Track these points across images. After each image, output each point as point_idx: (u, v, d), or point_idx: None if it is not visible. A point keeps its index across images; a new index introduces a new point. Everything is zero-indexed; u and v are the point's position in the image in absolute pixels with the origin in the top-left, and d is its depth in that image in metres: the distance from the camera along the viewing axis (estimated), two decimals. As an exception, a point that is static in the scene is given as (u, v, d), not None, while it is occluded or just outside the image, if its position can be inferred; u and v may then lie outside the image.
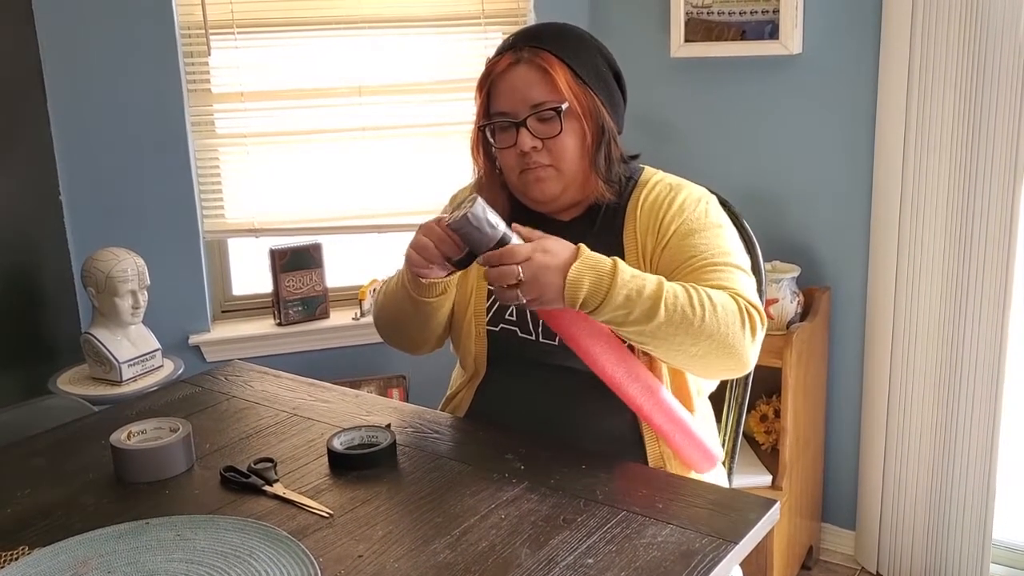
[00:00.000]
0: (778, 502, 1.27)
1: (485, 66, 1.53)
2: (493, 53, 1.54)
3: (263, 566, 1.11)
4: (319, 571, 1.09)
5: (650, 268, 1.51)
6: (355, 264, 3.18)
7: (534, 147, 1.47)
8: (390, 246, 2.81)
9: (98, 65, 2.56)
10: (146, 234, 2.63)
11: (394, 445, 1.42)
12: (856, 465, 2.61)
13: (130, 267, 2.39)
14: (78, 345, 2.47)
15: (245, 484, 1.34)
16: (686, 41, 2.57)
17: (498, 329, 1.58)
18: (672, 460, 1.53)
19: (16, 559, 1.15)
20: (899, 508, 2.50)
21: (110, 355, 2.40)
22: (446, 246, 1.37)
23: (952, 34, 2.20)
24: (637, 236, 1.53)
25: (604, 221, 1.56)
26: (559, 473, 1.34)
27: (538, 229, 1.38)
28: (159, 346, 2.52)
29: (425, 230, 1.41)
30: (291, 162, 2.77)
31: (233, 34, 2.65)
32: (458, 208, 1.34)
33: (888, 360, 2.44)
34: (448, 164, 2.71)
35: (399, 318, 1.59)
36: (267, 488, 1.32)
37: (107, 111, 2.59)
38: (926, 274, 2.34)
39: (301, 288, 2.83)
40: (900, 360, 2.42)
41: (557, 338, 1.53)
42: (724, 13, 2.50)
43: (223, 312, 2.89)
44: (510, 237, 1.32)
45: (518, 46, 1.49)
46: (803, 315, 2.45)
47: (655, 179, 1.58)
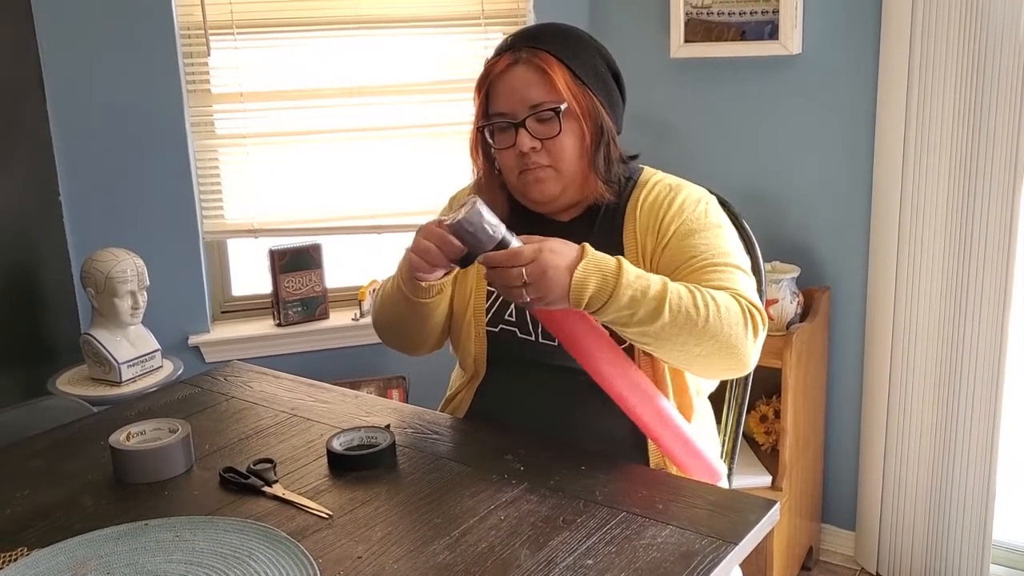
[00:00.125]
0: (778, 503, 1.26)
1: (484, 67, 1.53)
2: (492, 54, 1.54)
3: (262, 567, 1.11)
4: (318, 572, 1.09)
5: (650, 268, 1.50)
6: (355, 265, 3.17)
7: (533, 148, 1.46)
8: (389, 246, 2.81)
9: (98, 65, 2.56)
10: (145, 234, 2.63)
11: (393, 446, 1.42)
12: (856, 465, 2.61)
13: (129, 268, 2.39)
14: (77, 346, 2.47)
15: (244, 485, 1.34)
16: (686, 41, 2.57)
17: (497, 330, 1.58)
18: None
19: (15, 560, 1.15)
20: (899, 508, 2.50)
21: (109, 356, 2.39)
22: (448, 248, 1.35)
23: (952, 34, 2.20)
24: (637, 236, 1.53)
25: (603, 222, 1.55)
26: (559, 474, 1.33)
27: (537, 230, 1.38)
28: (158, 347, 2.52)
29: (426, 233, 1.39)
30: (290, 162, 2.77)
31: (233, 35, 2.65)
32: (457, 210, 1.34)
33: (888, 360, 2.44)
34: (447, 165, 2.71)
35: (396, 320, 1.59)
36: (266, 489, 1.32)
37: (107, 111, 2.59)
38: (926, 273, 2.34)
39: (300, 289, 2.83)
40: (900, 360, 2.42)
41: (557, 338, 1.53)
42: (724, 13, 2.50)
43: (222, 313, 2.89)
44: (510, 239, 1.32)
45: (517, 46, 1.49)
46: (803, 315, 2.45)
47: (654, 179, 1.58)
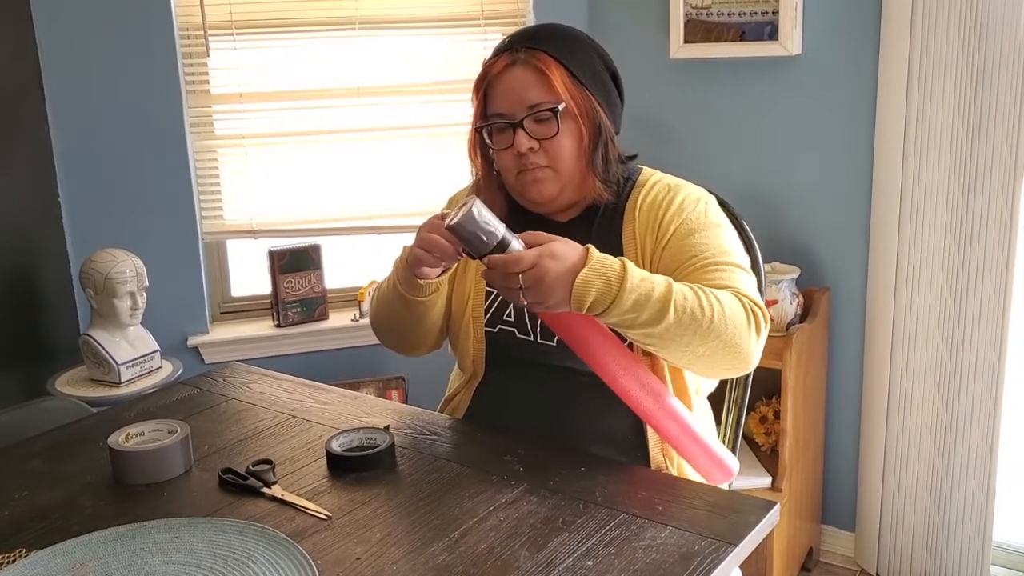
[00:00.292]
0: (778, 504, 1.26)
1: (482, 67, 1.52)
2: (490, 54, 1.53)
3: (261, 568, 1.10)
4: (317, 573, 1.09)
5: (650, 268, 1.49)
6: (354, 265, 3.18)
7: (531, 148, 1.46)
8: (389, 247, 2.81)
9: (97, 66, 2.56)
10: (145, 235, 2.63)
11: (393, 447, 1.41)
12: (856, 466, 2.61)
13: (128, 268, 2.39)
14: (77, 347, 2.47)
15: (243, 486, 1.33)
16: (685, 42, 2.57)
17: (496, 330, 1.58)
18: (674, 462, 1.53)
19: (13, 561, 1.15)
20: (899, 509, 2.50)
21: (108, 356, 2.39)
22: (454, 242, 1.36)
23: (952, 34, 2.20)
24: (636, 237, 1.52)
25: (602, 222, 1.55)
26: (558, 475, 1.33)
27: (536, 230, 1.37)
28: (158, 347, 2.51)
29: (430, 227, 1.39)
30: (290, 163, 2.77)
31: (232, 35, 2.65)
32: (456, 211, 1.33)
33: (888, 360, 2.44)
34: (447, 165, 2.71)
35: (393, 319, 1.59)
36: (265, 490, 1.32)
37: (106, 112, 2.58)
38: (926, 272, 2.34)
39: (300, 289, 2.83)
40: (900, 359, 2.42)
41: (556, 338, 1.52)
42: (723, 14, 2.50)
43: (222, 313, 2.89)
44: (509, 239, 1.30)
45: (514, 47, 1.49)
46: (803, 316, 2.45)
47: (653, 179, 1.58)
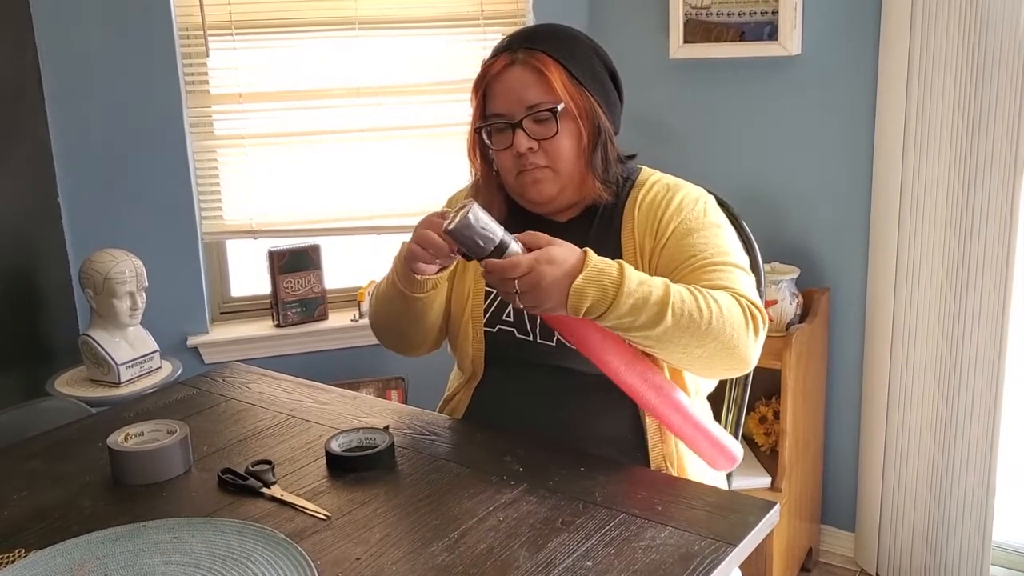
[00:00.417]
0: (777, 504, 1.26)
1: (480, 68, 1.52)
2: (489, 55, 1.53)
3: (260, 568, 1.10)
4: (316, 574, 1.08)
5: (649, 268, 1.50)
6: (354, 265, 3.17)
7: (530, 148, 1.46)
8: (389, 247, 2.80)
9: (96, 66, 2.56)
10: (144, 235, 2.63)
11: (392, 447, 1.41)
12: (856, 467, 2.61)
13: (128, 268, 2.39)
14: (76, 347, 2.47)
15: (243, 486, 1.33)
16: (685, 42, 2.57)
17: (495, 330, 1.58)
18: (673, 462, 1.52)
19: (12, 562, 1.15)
20: (899, 510, 2.50)
21: (108, 357, 2.39)
22: (449, 241, 1.36)
23: (952, 34, 2.20)
24: (635, 236, 1.52)
25: (602, 222, 1.55)
26: (557, 475, 1.33)
27: (535, 230, 1.37)
28: (157, 348, 2.51)
29: (427, 223, 1.40)
30: (290, 163, 2.77)
31: (231, 35, 2.65)
32: (454, 214, 1.33)
33: (888, 357, 2.44)
34: (446, 165, 2.71)
35: (392, 317, 1.59)
36: (265, 490, 1.32)
37: (105, 112, 2.58)
38: (926, 269, 2.34)
39: (300, 289, 2.83)
40: (900, 356, 2.42)
41: (555, 338, 1.52)
42: (723, 14, 2.50)
43: (221, 314, 2.89)
44: (508, 242, 1.30)
45: (513, 47, 1.49)
46: (802, 316, 2.45)
47: (652, 179, 1.58)
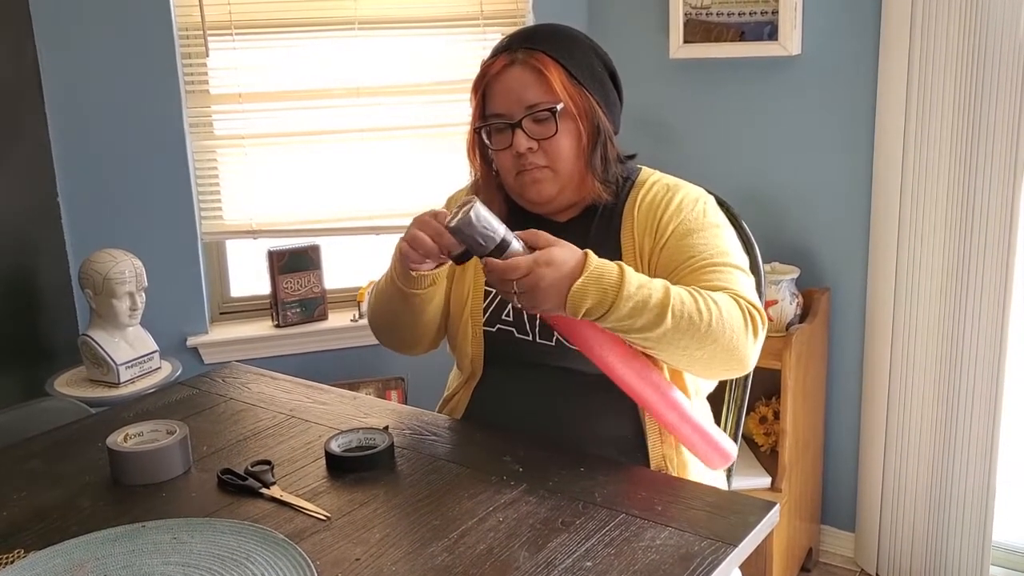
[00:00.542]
0: (777, 504, 1.26)
1: (480, 68, 1.52)
2: (488, 55, 1.53)
3: (260, 569, 1.10)
4: (316, 574, 1.08)
5: (648, 268, 1.50)
6: (353, 266, 3.17)
7: (530, 148, 1.46)
8: (388, 247, 2.80)
9: (96, 67, 2.55)
10: (144, 236, 2.63)
11: (392, 447, 1.41)
12: (856, 467, 2.60)
13: (128, 269, 2.39)
14: (76, 347, 2.46)
15: (242, 487, 1.33)
16: (685, 42, 2.57)
17: (495, 330, 1.58)
18: (674, 463, 1.52)
19: (12, 562, 1.15)
20: (899, 510, 2.50)
21: (108, 357, 2.39)
22: (442, 240, 1.36)
23: (952, 34, 2.19)
24: (635, 237, 1.52)
25: (601, 222, 1.55)
26: (557, 475, 1.33)
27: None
28: (157, 348, 2.51)
29: (420, 224, 1.39)
30: (289, 163, 2.77)
31: (231, 35, 2.65)
32: (457, 210, 1.33)
33: (888, 358, 2.44)
34: (446, 165, 2.71)
35: (391, 315, 1.58)
36: (264, 491, 1.32)
37: (105, 113, 2.58)
38: (926, 270, 2.34)
39: (299, 290, 2.83)
40: (900, 357, 2.41)
41: (555, 338, 1.52)
42: (723, 14, 2.50)
43: (221, 314, 2.89)
44: (509, 240, 1.30)
45: (513, 47, 1.49)
46: (802, 316, 2.45)
47: (652, 179, 1.57)
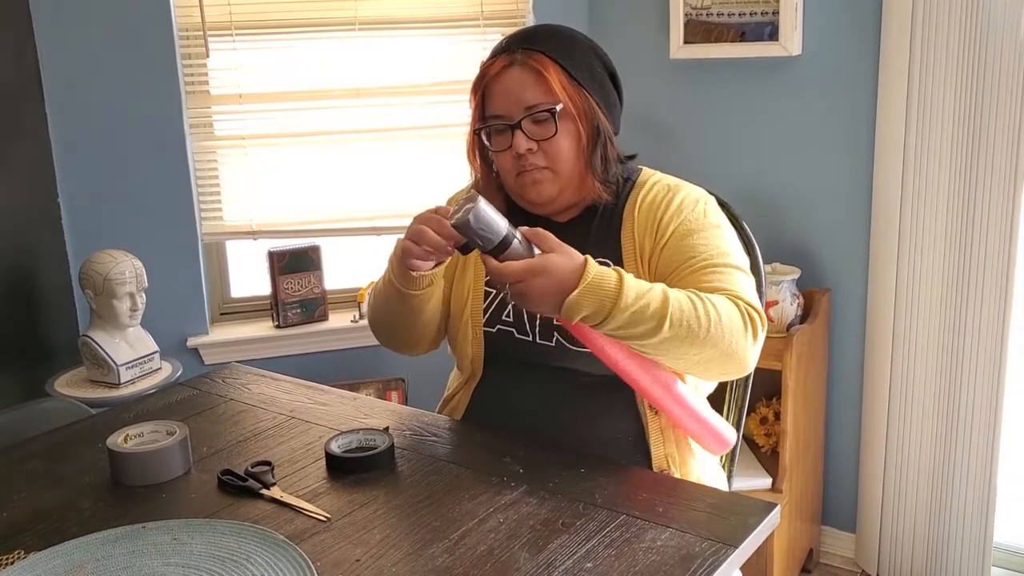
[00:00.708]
0: (778, 505, 1.26)
1: (479, 69, 1.52)
2: (488, 56, 1.53)
3: (260, 570, 1.10)
4: (316, 575, 1.08)
5: (648, 269, 1.50)
6: (354, 266, 3.17)
7: (529, 149, 1.46)
8: (388, 248, 2.80)
9: (96, 67, 2.55)
10: (144, 236, 2.63)
11: (392, 448, 1.41)
12: (856, 468, 2.60)
13: (128, 269, 2.39)
14: (76, 348, 2.46)
15: (242, 487, 1.33)
16: (685, 42, 2.56)
17: (495, 330, 1.57)
18: (677, 461, 1.52)
19: (12, 563, 1.15)
20: (899, 510, 2.49)
21: (108, 357, 2.39)
22: (445, 233, 1.36)
23: (952, 36, 2.19)
24: (635, 237, 1.52)
25: (601, 222, 1.55)
26: (558, 476, 1.33)
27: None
28: (157, 348, 2.51)
29: (422, 219, 1.40)
30: (290, 164, 2.77)
31: (231, 36, 2.65)
32: (460, 207, 1.32)
33: (888, 361, 2.43)
34: (446, 166, 2.71)
35: (389, 315, 1.58)
36: (264, 491, 1.32)
37: (105, 113, 2.58)
38: (926, 281, 2.33)
39: (300, 290, 2.83)
40: (900, 365, 2.41)
41: (554, 338, 1.52)
42: (723, 14, 2.50)
43: (221, 314, 2.89)
44: (512, 237, 1.30)
45: (512, 48, 1.49)
46: (803, 317, 2.45)
47: (652, 180, 1.57)
